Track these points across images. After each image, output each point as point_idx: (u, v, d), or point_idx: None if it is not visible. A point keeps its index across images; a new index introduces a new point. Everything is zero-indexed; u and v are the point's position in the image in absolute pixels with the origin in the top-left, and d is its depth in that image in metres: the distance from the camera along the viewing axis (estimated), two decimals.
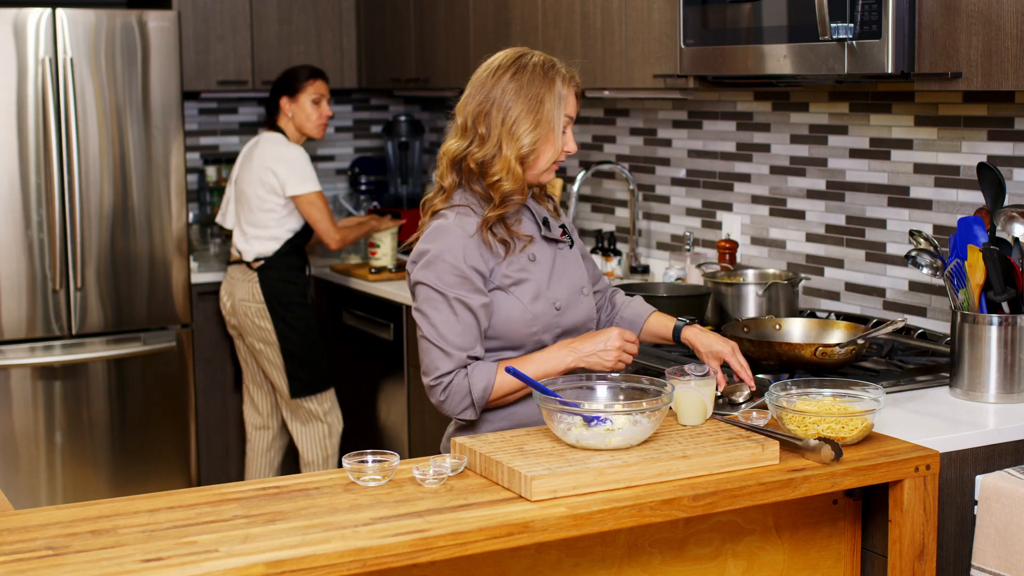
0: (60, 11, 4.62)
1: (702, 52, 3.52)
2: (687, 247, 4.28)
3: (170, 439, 4.94)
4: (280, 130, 4.73)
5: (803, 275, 3.77)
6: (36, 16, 4.59)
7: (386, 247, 4.91)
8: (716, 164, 4.23)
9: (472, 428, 2.62)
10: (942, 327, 3.41)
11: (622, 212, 4.73)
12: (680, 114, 4.38)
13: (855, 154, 3.69)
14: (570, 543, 2.23)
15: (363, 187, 5.87)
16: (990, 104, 3.25)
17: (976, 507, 2.54)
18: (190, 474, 4.99)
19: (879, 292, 3.64)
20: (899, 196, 3.55)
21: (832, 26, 3.02)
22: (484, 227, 2.53)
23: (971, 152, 3.32)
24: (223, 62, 5.39)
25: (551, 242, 2.67)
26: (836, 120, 3.74)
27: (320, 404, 4.82)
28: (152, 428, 4.91)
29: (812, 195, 3.85)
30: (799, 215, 3.90)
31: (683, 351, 3.37)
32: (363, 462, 2.24)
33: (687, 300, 3.64)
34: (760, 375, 3.01)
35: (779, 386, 2.52)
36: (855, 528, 2.51)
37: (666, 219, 4.49)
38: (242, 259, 4.71)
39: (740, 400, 2.66)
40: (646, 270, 4.51)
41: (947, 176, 3.40)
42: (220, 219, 4.89)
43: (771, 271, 3.82)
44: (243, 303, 4.70)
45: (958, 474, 2.54)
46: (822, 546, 2.49)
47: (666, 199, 4.48)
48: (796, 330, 3.24)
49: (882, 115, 3.58)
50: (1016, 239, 2.80)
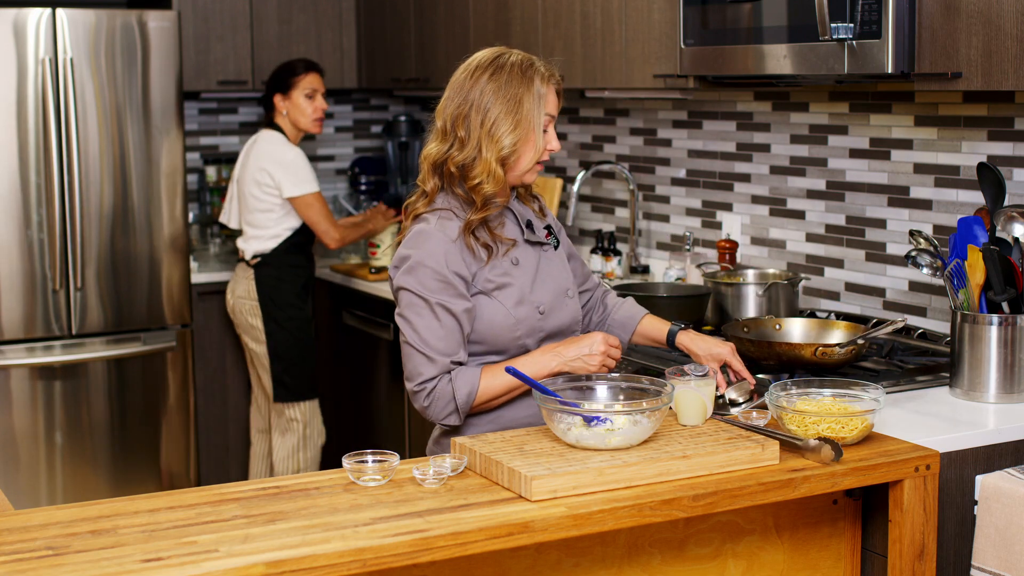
0: (60, 11, 4.62)
1: (702, 52, 3.52)
2: (687, 247, 4.28)
3: (170, 439, 4.94)
4: (278, 128, 4.70)
5: (803, 275, 3.77)
6: (36, 16, 4.59)
7: (386, 247, 4.91)
8: (716, 164, 4.23)
9: (456, 432, 2.60)
10: (942, 327, 3.41)
11: (622, 212, 4.73)
12: (680, 114, 4.38)
13: (855, 154, 3.69)
14: (570, 543, 2.23)
15: (363, 187, 5.87)
16: (990, 104, 3.25)
17: (976, 507, 2.54)
18: (190, 474, 4.99)
19: (879, 292, 3.64)
20: (899, 196, 3.55)
21: (832, 26, 3.02)
22: (466, 231, 2.52)
23: (971, 152, 3.32)
24: (223, 62, 5.39)
25: (535, 245, 2.65)
26: (836, 120, 3.74)
27: (301, 413, 4.72)
28: (152, 428, 4.90)
29: (812, 195, 3.85)
30: (799, 215, 3.90)
31: (681, 354, 3.37)
32: (363, 462, 2.24)
33: (687, 300, 3.63)
34: (760, 375, 3.01)
35: (779, 386, 2.52)
36: (855, 528, 2.51)
37: (666, 219, 4.49)
38: (243, 257, 4.71)
39: (741, 400, 2.66)
40: (646, 270, 4.51)
41: (947, 176, 3.40)
42: (224, 218, 4.88)
43: (771, 271, 3.82)
44: (240, 300, 4.69)
45: (958, 474, 2.54)
46: (822, 546, 2.49)
47: (666, 199, 4.48)
48: (796, 330, 3.24)
49: (882, 115, 3.58)
50: (1016, 239, 2.80)
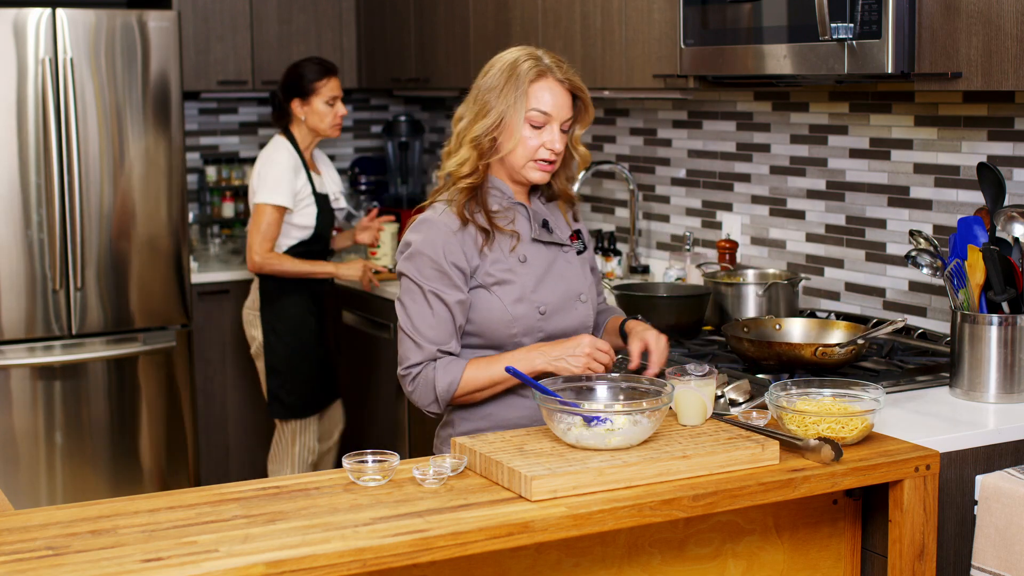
0: (60, 11, 4.62)
1: (702, 52, 3.52)
2: (687, 247, 4.28)
3: (170, 439, 4.94)
4: (291, 135, 4.47)
5: (803, 275, 3.77)
6: (36, 16, 4.59)
7: (386, 247, 4.89)
8: (716, 164, 4.23)
9: (451, 427, 2.67)
10: (942, 327, 3.41)
11: (622, 212, 4.73)
12: (680, 114, 4.38)
13: (855, 154, 3.69)
14: (570, 543, 2.23)
15: (363, 187, 5.88)
16: (990, 104, 3.25)
17: (976, 507, 2.54)
18: (190, 474, 4.99)
19: (879, 292, 3.64)
20: (899, 196, 3.55)
21: (832, 26, 3.02)
22: (460, 213, 2.56)
23: (971, 152, 3.32)
24: (223, 62, 5.39)
25: (550, 245, 2.67)
26: (836, 120, 3.74)
27: (291, 431, 4.53)
28: (152, 428, 4.91)
29: (812, 195, 3.85)
30: (799, 215, 3.90)
31: (682, 351, 3.38)
32: (363, 462, 2.24)
33: (687, 300, 3.63)
34: (760, 375, 3.01)
35: (779, 386, 2.52)
36: (855, 528, 2.51)
37: (666, 219, 4.49)
38: None
39: (741, 400, 2.66)
40: (646, 270, 4.51)
41: (947, 176, 3.40)
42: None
43: (771, 271, 3.83)
44: (246, 310, 4.56)
45: (958, 474, 2.54)
46: (822, 546, 2.49)
47: (666, 199, 4.48)
48: (796, 330, 3.24)
49: (882, 115, 3.58)
50: (1016, 239, 2.80)
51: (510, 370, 2.46)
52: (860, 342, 2.97)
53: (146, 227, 4.82)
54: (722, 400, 2.88)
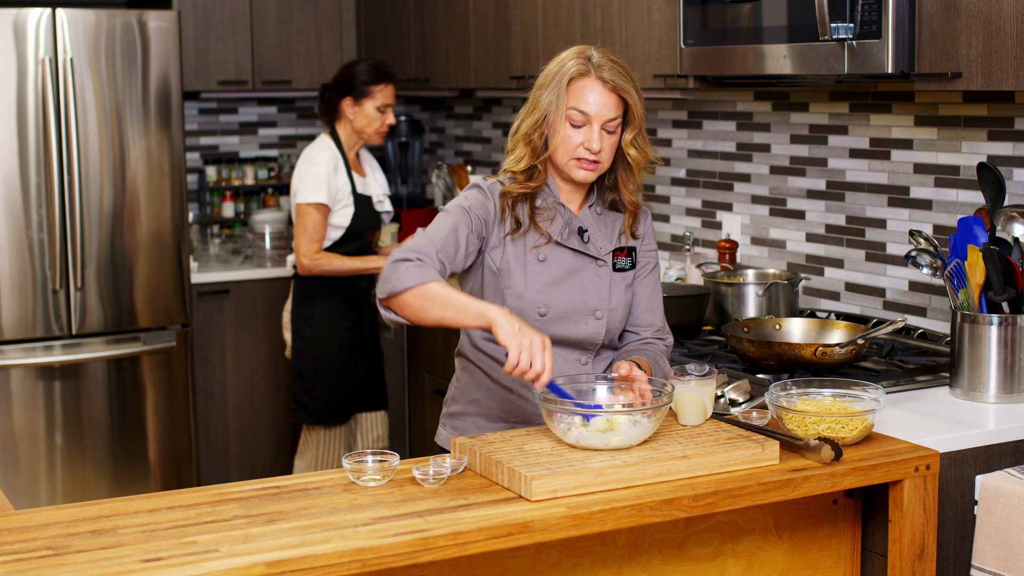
0: (60, 11, 4.62)
1: (702, 52, 3.52)
2: (687, 247, 4.28)
3: (170, 439, 4.94)
4: (335, 133, 4.41)
5: (803, 275, 3.77)
6: (36, 16, 4.59)
7: (387, 248, 4.89)
8: (716, 164, 4.23)
9: (446, 406, 2.76)
10: (942, 327, 3.41)
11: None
12: (680, 114, 4.38)
13: (855, 154, 3.69)
14: (570, 543, 2.23)
15: None
16: (990, 104, 3.25)
17: (976, 507, 2.54)
18: (190, 474, 4.99)
19: (879, 292, 3.64)
20: (899, 196, 3.55)
21: (832, 26, 3.02)
22: (503, 196, 2.60)
23: (971, 152, 3.32)
24: (223, 62, 5.39)
25: (579, 253, 2.63)
26: (836, 120, 3.74)
27: (316, 438, 4.45)
28: (152, 428, 4.90)
29: (812, 195, 3.85)
30: (799, 215, 3.90)
31: (682, 351, 3.38)
32: (363, 462, 2.24)
33: (687, 300, 3.63)
34: (760, 375, 3.02)
35: (779, 386, 2.52)
36: (855, 528, 2.51)
37: (666, 219, 4.49)
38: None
39: (741, 400, 2.66)
40: None
41: (947, 176, 3.40)
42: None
43: (771, 271, 3.83)
44: (284, 313, 4.51)
45: (958, 474, 2.55)
46: (822, 546, 2.49)
47: (666, 199, 4.48)
48: (796, 330, 3.24)
49: (882, 115, 3.58)
50: (1016, 239, 2.80)
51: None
52: (860, 342, 2.97)
53: (146, 227, 4.82)
54: (722, 400, 2.88)
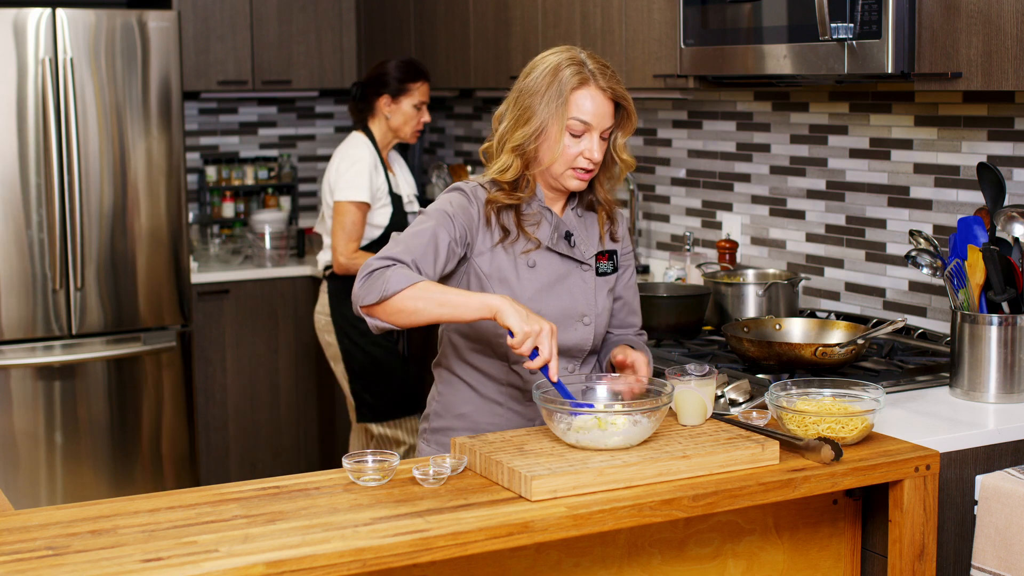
0: (60, 11, 4.62)
1: (702, 52, 3.52)
2: (687, 247, 4.28)
3: (170, 439, 4.94)
4: (368, 131, 4.39)
5: (803, 275, 3.77)
6: (36, 16, 4.59)
7: None
8: (716, 164, 4.23)
9: (427, 421, 2.70)
10: (942, 327, 3.41)
11: (622, 212, 4.73)
12: (680, 114, 4.38)
13: (855, 154, 3.69)
14: (570, 543, 2.23)
15: None
16: (990, 104, 3.25)
17: (976, 507, 2.54)
18: (190, 474, 4.99)
19: (879, 292, 3.64)
20: (899, 196, 3.55)
21: (832, 26, 3.02)
22: (487, 203, 2.54)
23: (971, 152, 3.32)
24: (223, 62, 5.39)
25: (566, 257, 2.61)
26: (836, 120, 3.74)
27: (392, 432, 4.42)
28: (152, 428, 4.90)
29: (812, 195, 3.85)
30: (799, 215, 3.90)
31: (682, 351, 3.38)
32: (363, 462, 2.24)
33: (687, 300, 3.63)
34: (760, 375, 3.01)
35: (779, 386, 2.52)
36: (855, 528, 2.51)
37: (666, 219, 4.49)
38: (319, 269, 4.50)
39: (741, 400, 2.66)
40: (646, 270, 4.51)
41: (947, 176, 3.40)
42: (318, 228, 4.57)
43: (771, 271, 3.82)
44: (317, 316, 4.46)
45: (958, 474, 2.54)
46: (822, 546, 2.49)
47: (666, 199, 4.48)
48: (796, 330, 3.24)
49: (882, 115, 3.58)
50: (1016, 239, 2.80)
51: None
52: (860, 342, 2.97)
53: (146, 227, 4.82)
54: (722, 400, 2.88)
